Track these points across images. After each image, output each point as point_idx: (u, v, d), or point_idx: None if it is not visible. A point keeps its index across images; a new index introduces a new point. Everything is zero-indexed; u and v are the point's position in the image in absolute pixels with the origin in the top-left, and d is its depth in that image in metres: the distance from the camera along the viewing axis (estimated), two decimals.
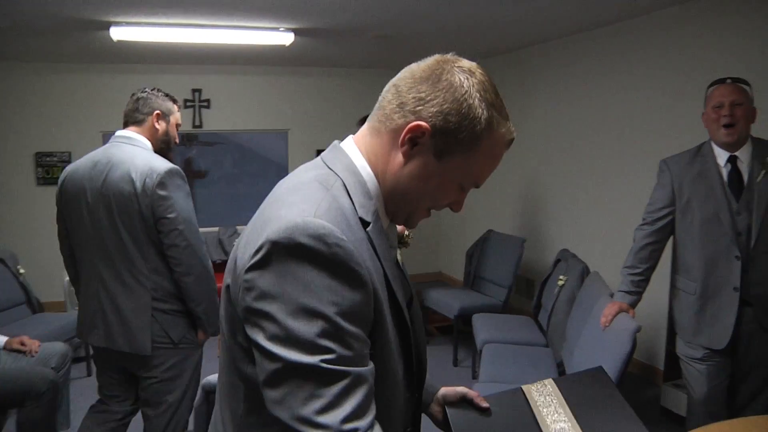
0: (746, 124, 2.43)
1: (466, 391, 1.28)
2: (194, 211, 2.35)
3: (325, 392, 0.80)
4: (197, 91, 6.16)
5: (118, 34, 4.24)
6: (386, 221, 1.02)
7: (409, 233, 3.17)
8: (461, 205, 1.03)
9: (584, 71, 4.68)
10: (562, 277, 3.91)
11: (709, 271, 2.49)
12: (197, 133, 6.44)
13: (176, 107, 2.50)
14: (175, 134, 2.49)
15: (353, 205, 0.94)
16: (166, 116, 2.43)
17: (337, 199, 0.91)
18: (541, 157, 5.31)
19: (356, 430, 0.81)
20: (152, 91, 2.44)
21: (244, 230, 0.96)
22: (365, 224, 0.93)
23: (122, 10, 3.79)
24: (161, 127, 2.40)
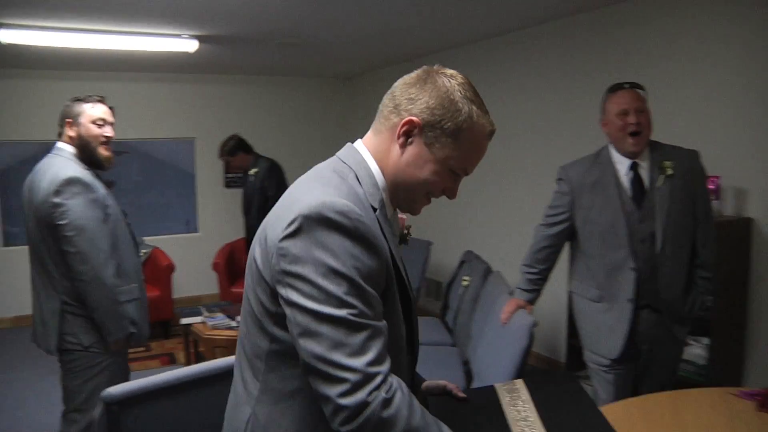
0: (649, 131, 2.37)
1: (446, 383, 1.48)
2: (99, 219, 2.38)
3: (351, 340, 0.97)
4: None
5: (7, 36, 4.03)
6: (391, 210, 1.20)
7: (408, 231, 3.20)
8: (455, 192, 1.20)
9: (484, 77, 4.87)
10: (466, 277, 4.02)
11: (609, 281, 2.46)
12: None
13: (86, 105, 2.50)
14: (95, 132, 2.49)
15: (365, 193, 1.12)
16: (76, 120, 2.47)
17: (352, 186, 1.11)
18: None
19: (378, 373, 0.98)
20: (67, 101, 2.52)
21: (271, 211, 1.13)
22: (373, 210, 1.11)
23: (11, 11, 3.61)
24: (74, 132, 2.47)
